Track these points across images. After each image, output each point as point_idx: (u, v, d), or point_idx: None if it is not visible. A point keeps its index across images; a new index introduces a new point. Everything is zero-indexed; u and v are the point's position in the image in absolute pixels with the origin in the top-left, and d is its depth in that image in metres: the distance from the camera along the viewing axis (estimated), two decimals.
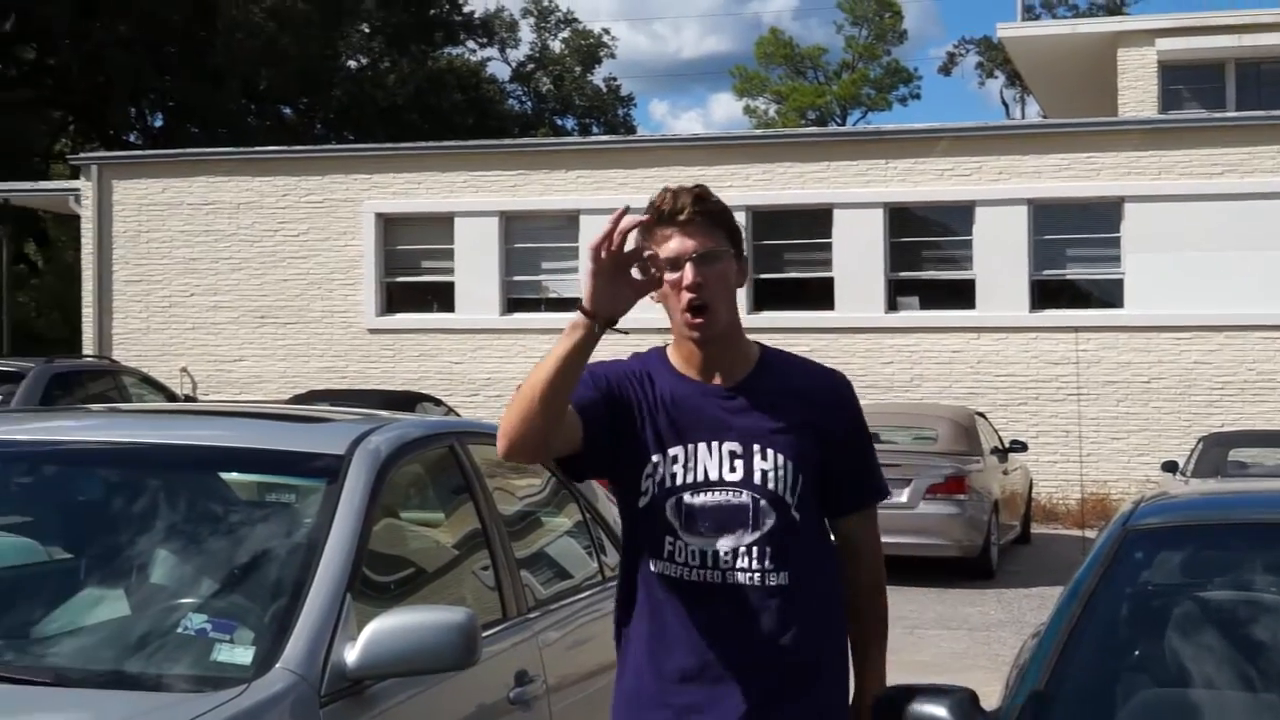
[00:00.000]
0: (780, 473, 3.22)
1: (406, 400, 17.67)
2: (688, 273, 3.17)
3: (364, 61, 50.70)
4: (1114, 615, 3.85)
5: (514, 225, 21.87)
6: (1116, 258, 19.90)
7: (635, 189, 21.00)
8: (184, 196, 23.14)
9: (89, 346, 23.11)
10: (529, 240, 21.67)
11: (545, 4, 61.80)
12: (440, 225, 22.12)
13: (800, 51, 66.84)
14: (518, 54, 60.25)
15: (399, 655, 3.46)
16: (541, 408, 3.03)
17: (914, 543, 14.18)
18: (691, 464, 3.24)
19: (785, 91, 65.59)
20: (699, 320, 3.19)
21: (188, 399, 21.01)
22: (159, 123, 45.07)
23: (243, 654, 3.48)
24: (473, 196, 21.96)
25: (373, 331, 22.24)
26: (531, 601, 4.65)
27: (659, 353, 3.37)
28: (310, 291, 22.53)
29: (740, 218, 20.31)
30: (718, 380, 3.29)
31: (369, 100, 46.62)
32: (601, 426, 3.22)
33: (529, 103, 59.60)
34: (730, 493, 3.23)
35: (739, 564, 3.21)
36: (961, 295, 20.32)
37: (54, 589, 4.10)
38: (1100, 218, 20.01)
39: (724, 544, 3.21)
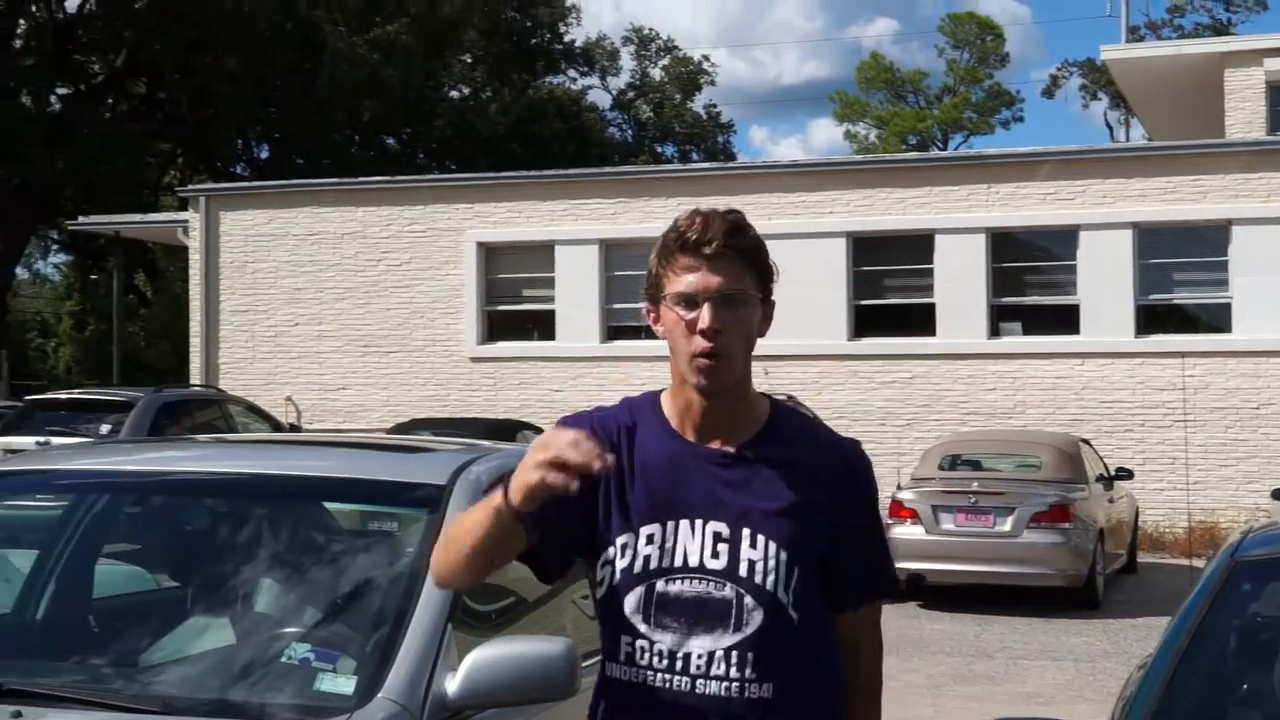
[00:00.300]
0: (770, 564, 2.71)
1: (508, 428, 17.78)
2: (705, 315, 2.72)
3: (466, 91, 51.26)
4: (1222, 647, 3.79)
5: (614, 253, 21.96)
6: (1224, 281, 19.59)
7: None
8: (289, 227, 23.48)
9: (196, 376, 23.50)
10: (629, 268, 21.72)
11: (646, 32, 62.15)
12: (541, 254, 22.26)
13: (901, 76, 66.70)
14: (618, 82, 60.67)
15: (500, 685, 3.46)
16: (467, 566, 2.75)
17: (1017, 572, 14.08)
18: (670, 545, 2.74)
19: (886, 116, 65.42)
20: (709, 364, 2.72)
21: (293, 428, 21.30)
22: (265, 154, 45.84)
23: (345, 683, 3.51)
24: (573, 225, 22.08)
25: (474, 360, 22.41)
26: None
27: (652, 400, 2.89)
28: (413, 320, 22.75)
29: (841, 243, 20.53)
30: (717, 443, 2.79)
31: (471, 130, 47.10)
32: (558, 522, 2.76)
33: (629, 130, 59.91)
34: (711, 584, 2.72)
35: (714, 670, 2.70)
36: (1065, 321, 20.09)
37: (161, 617, 4.18)
38: (1207, 241, 19.70)
39: (697, 645, 2.71)
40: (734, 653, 2.70)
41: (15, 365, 40.40)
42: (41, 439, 15.77)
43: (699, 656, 2.71)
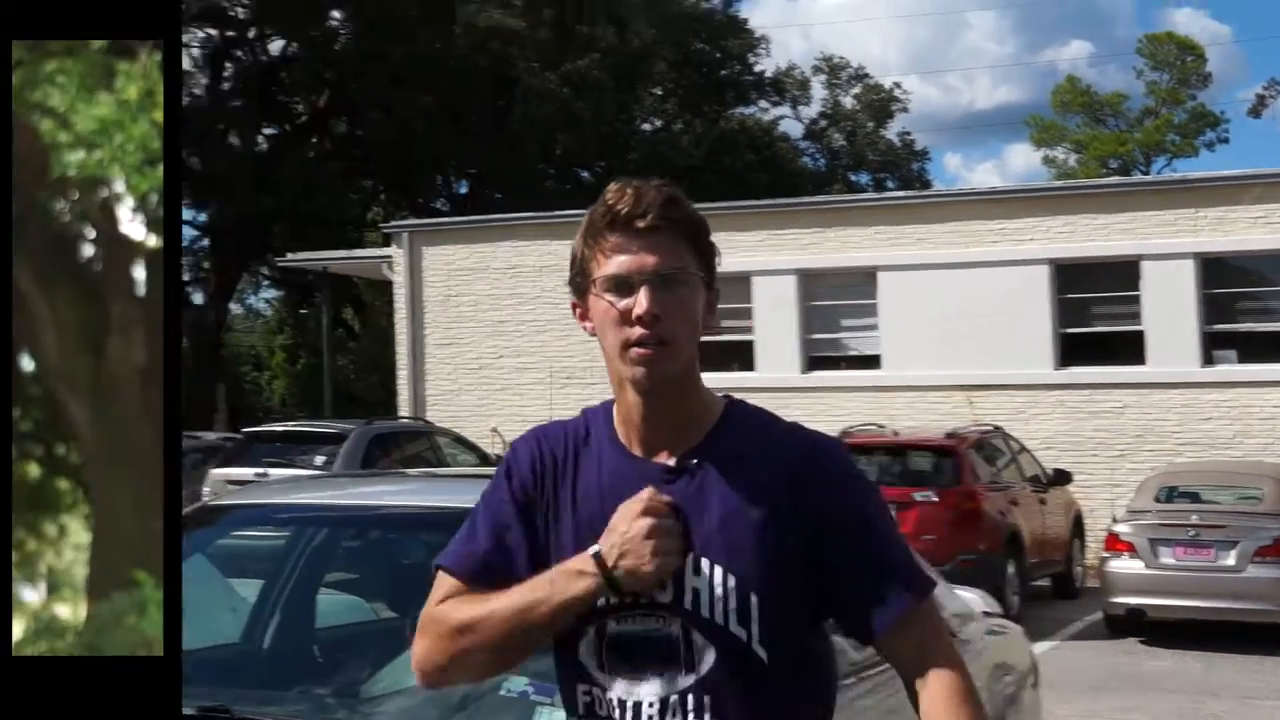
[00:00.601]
0: (718, 592, 2.31)
1: None
2: (641, 299, 2.32)
3: (658, 124, 51.56)
4: None
5: (811, 283, 21.80)
6: None
7: (934, 244, 20.75)
8: (489, 261, 23.81)
9: (404, 408, 23.91)
10: (827, 298, 21.56)
11: (836, 60, 61.84)
12: (737, 285, 22.16)
13: (1099, 98, 65.24)
14: (810, 111, 60.40)
15: None
16: (494, 658, 2.43)
17: (1242, 608, 13.60)
18: None
19: (1085, 140, 64.07)
20: (648, 353, 2.32)
21: (499, 459, 21.54)
22: (463, 189, 46.69)
23: (563, 717, 3.49)
24: (769, 255, 21.98)
25: None
26: None
27: (606, 410, 2.51)
28: None
29: (1044, 271, 20.10)
30: (663, 455, 2.40)
31: (664, 162, 47.31)
32: (510, 572, 2.45)
33: (822, 160, 59.60)
34: (659, 619, 2.34)
35: (669, 719, 2.33)
36: None
37: (380, 648, 4.23)
38: None
39: (648, 692, 2.34)
40: (689, 697, 2.32)
41: (231, 398, 41.69)
42: (260, 470, 16.18)
43: (650, 705, 2.33)
